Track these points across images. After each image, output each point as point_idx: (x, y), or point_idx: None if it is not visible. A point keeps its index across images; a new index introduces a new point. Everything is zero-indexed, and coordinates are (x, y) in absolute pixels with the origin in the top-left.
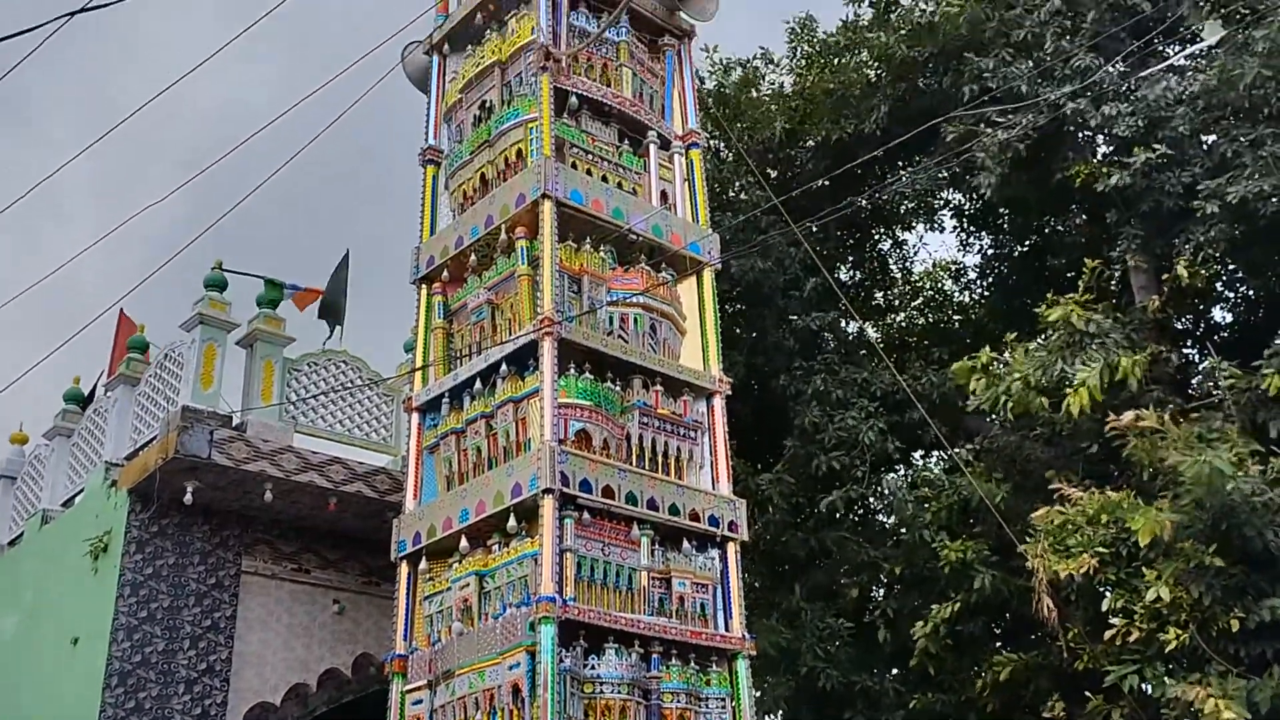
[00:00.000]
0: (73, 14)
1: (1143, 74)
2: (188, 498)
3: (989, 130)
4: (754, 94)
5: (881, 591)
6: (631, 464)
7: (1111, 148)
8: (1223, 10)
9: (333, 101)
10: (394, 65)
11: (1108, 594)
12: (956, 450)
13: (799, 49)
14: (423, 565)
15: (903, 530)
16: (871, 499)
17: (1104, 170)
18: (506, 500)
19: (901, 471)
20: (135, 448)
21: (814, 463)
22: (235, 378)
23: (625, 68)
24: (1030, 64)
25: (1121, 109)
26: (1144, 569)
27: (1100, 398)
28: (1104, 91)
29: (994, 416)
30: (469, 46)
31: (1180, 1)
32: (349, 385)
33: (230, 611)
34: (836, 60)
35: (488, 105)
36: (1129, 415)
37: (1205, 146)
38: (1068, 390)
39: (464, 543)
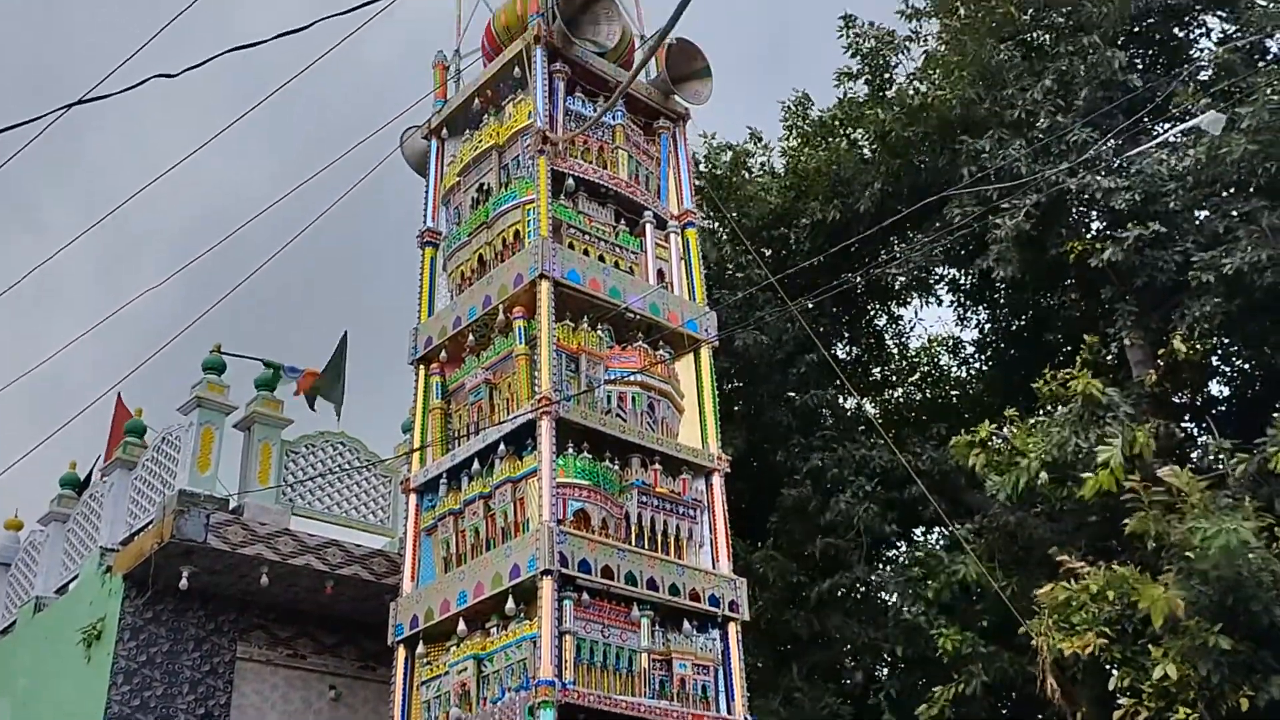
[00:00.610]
0: (70, 106)
1: (1135, 150)
2: (183, 583)
3: (1000, 213)
4: (747, 174)
5: (884, 671)
6: (631, 543)
7: (1105, 224)
8: (1210, 90)
9: (332, 185)
10: (393, 150)
11: (1114, 672)
12: (956, 527)
13: (794, 127)
14: (420, 649)
15: (904, 613)
16: (873, 577)
17: (1097, 246)
18: (505, 582)
19: (902, 548)
20: (131, 532)
21: (810, 546)
22: (233, 460)
23: (621, 150)
24: (1024, 142)
25: (1118, 183)
26: (1150, 647)
27: (1123, 476)
28: (1099, 167)
29: (995, 495)
30: (467, 131)
31: (1170, 79)
32: (347, 467)
33: (225, 699)
34: (831, 138)
35: (485, 188)
36: (1166, 470)
37: (1198, 222)
38: (1083, 473)
39: (462, 626)
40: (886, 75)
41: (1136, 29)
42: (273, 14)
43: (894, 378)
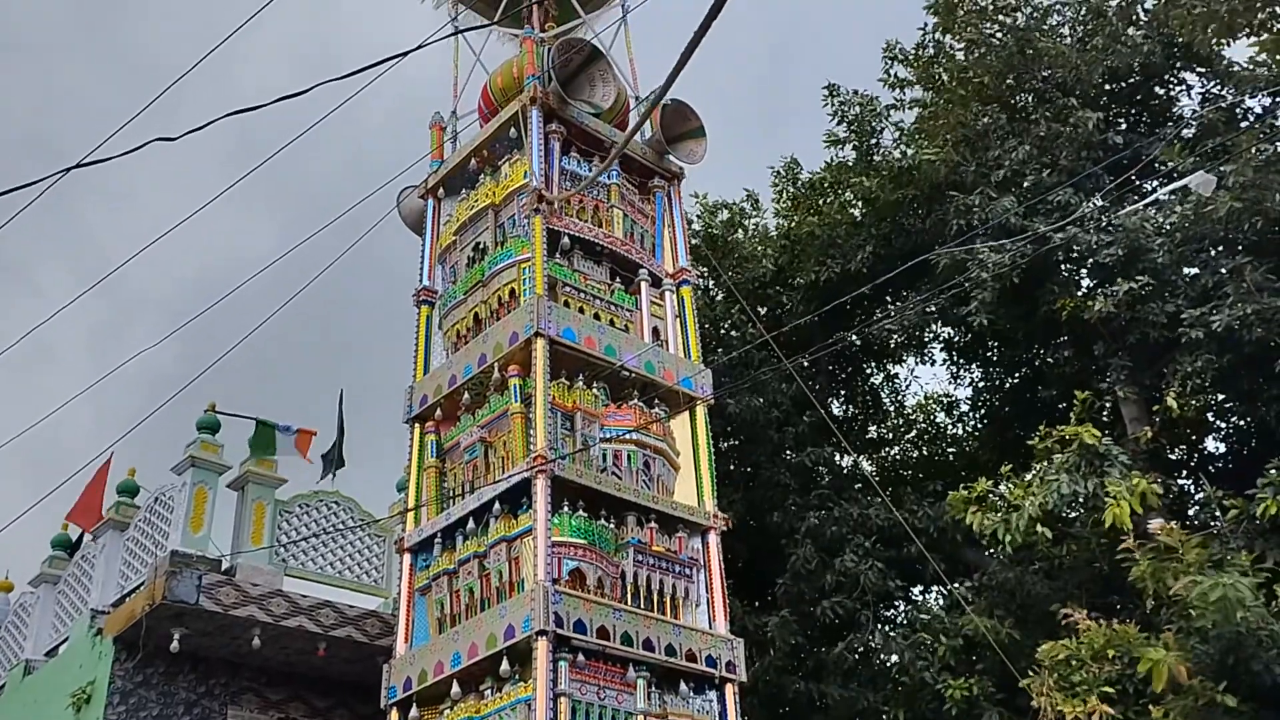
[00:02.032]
0: (68, 169)
1: (1126, 210)
2: (174, 645)
3: (981, 258)
4: (741, 235)
5: None
6: (627, 603)
7: (1095, 280)
8: (1194, 148)
9: (328, 246)
10: (389, 210)
11: None
12: (956, 586)
13: (784, 191)
14: (413, 713)
15: (905, 676)
16: (875, 640)
17: (1088, 302)
18: (499, 643)
19: (901, 608)
20: (122, 594)
21: (816, 608)
22: (226, 521)
23: (616, 209)
24: (1013, 200)
25: (1102, 239)
26: (1152, 708)
27: (1140, 510)
28: (1088, 225)
29: (993, 551)
30: (463, 190)
31: (1153, 137)
32: (340, 527)
33: None
34: (821, 201)
35: (481, 247)
36: (1156, 523)
37: (1187, 278)
38: (1083, 509)
39: (455, 688)
40: (873, 140)
41: (1116, 89)
42: (266, 78)
43: (890, 435)
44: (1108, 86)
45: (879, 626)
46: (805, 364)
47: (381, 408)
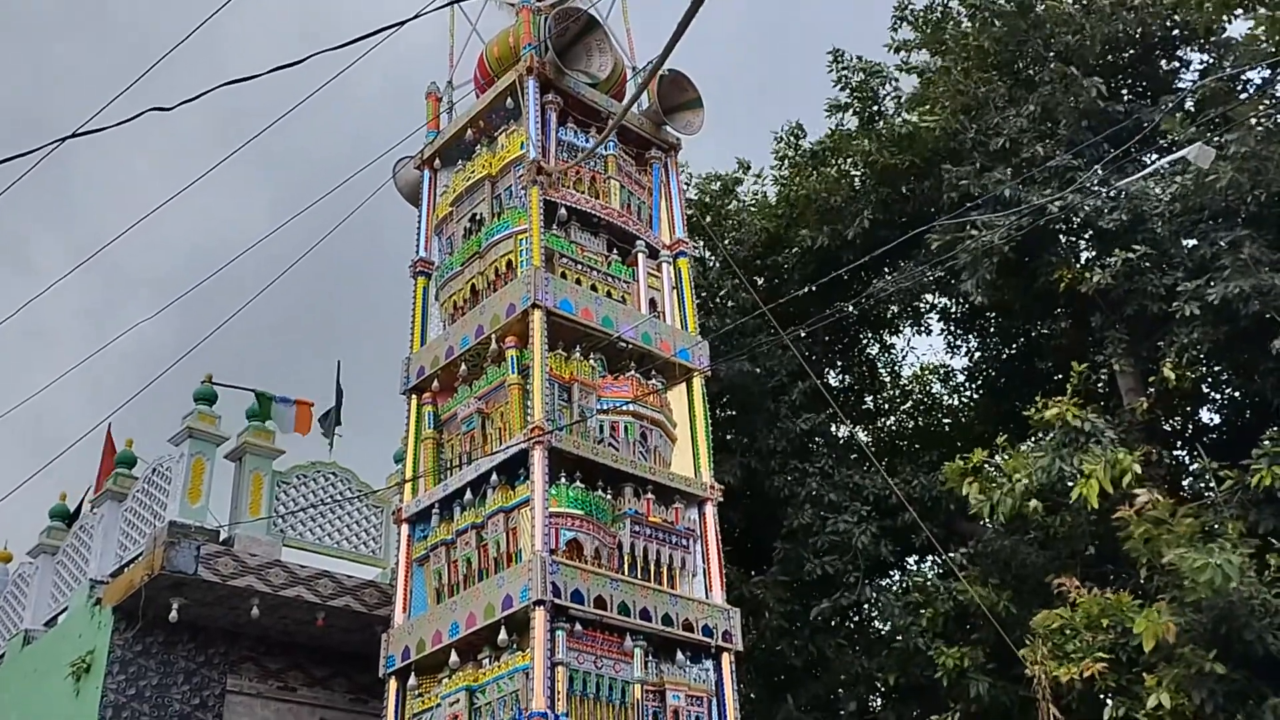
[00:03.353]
0: (63, 139)
1: (1125, 181)
2: (173, 615)
3: (973, 233)
4: (738, 201)
5: (879, 701)
6: (624, 573)
7: (1094, 251)
8: (1195, 119)
9: (325, 217)
10: (385, 181)
11: (1109, 701)
12: (950, 555)
13: (786, 157)
14: (412, 681)
15: (898, 638)
16: (866, 605)
17: (1086, 273)
18: (497, 612)
19: (895, 577)
20: (121, 564)
21: (806, 567)
22: (224, 491)
23: (613, 180)
24: (1009, 170)
25: (1104, 204)
26: (1145, 675)
27: (1110, 489)
28: (1086, 190)
29: (987, 521)
30: (459, 161)
31: (1154, 108)
32: (338, 498)
33: None
34: (822, 168)
35: (478, 218)
36: (1141, 496)
37: (1186, 249)
38: (1070, 486)
39: (454, 657)
40: (875, 107)
41: (1118, 59)
42: (261, 50)
43: (886, 406)
44: (1109, 57)
45: (874, 596)
46: (802, 334)
47: (379, 379)
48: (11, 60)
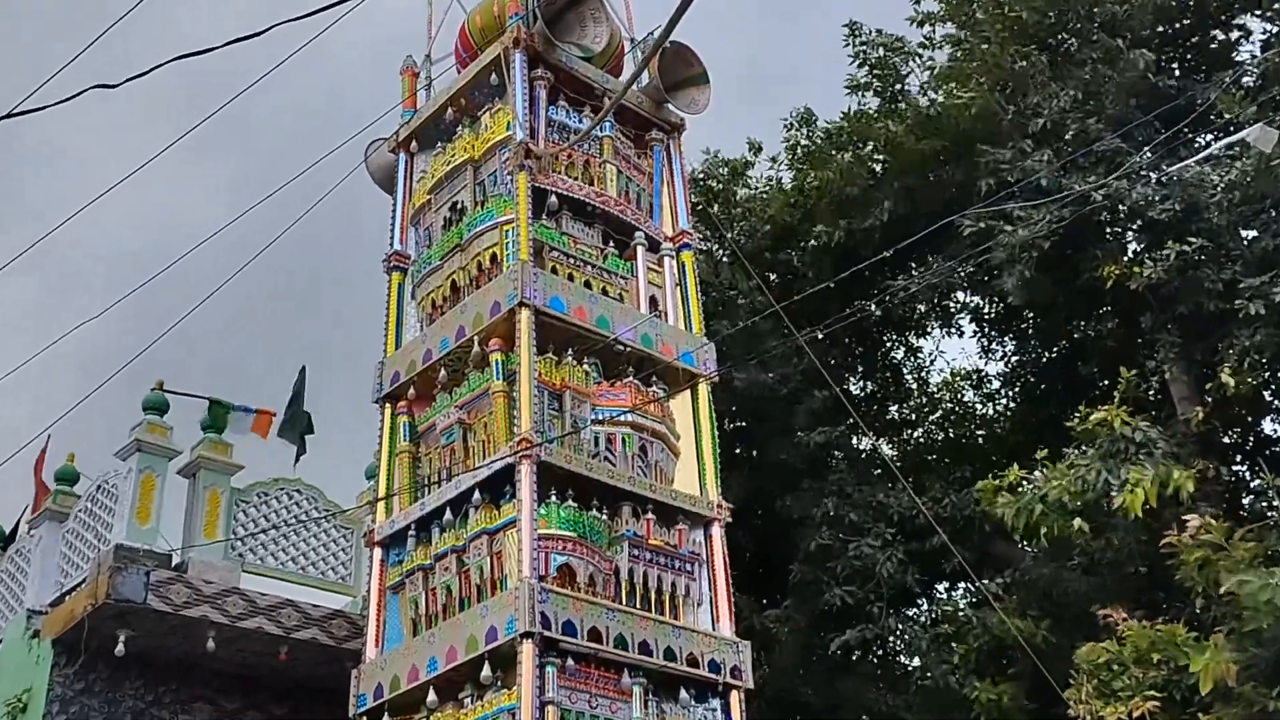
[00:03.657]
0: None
1: (1177, 165)
2: (120, 648)
3: (1009, 227)
4: (748, 190)
5: None
6: (621, 602)
7: (1143, 244)
8: (1256, 97)
9: (291, 208)
10: (356, 165)
11: None
12: (984, 582)
13: (797, 145)
14: None
15: (926, 675)
16: (891, 638)
17: (1135, 268)
18: (480, 646)
19: (923, 606)
20: (61, 592)
21: (824, 596)
22: (176, 511)
23: (609, 164)
24: (1050, 155)
25: (1154, 192)
26: (1200, 716)
27: (1155, 501)
28: (1135, 177)
29: (1026, 544)
30: (439, 144)
31: (1209, 84)
32: (304, 518)
33: None
34: (838, 154)
35: (459, 206)
36: (1192, 521)
37: (1246, 242)
38: (1114, 496)
39: (432, 696)
40: (898, 85)
41: (1169, 30)
42: (221, 23)
43: (913, 416)
44: (1160, 28)
45: (898, 627)
46: (819, 336)
47: (349, 387)
48: None
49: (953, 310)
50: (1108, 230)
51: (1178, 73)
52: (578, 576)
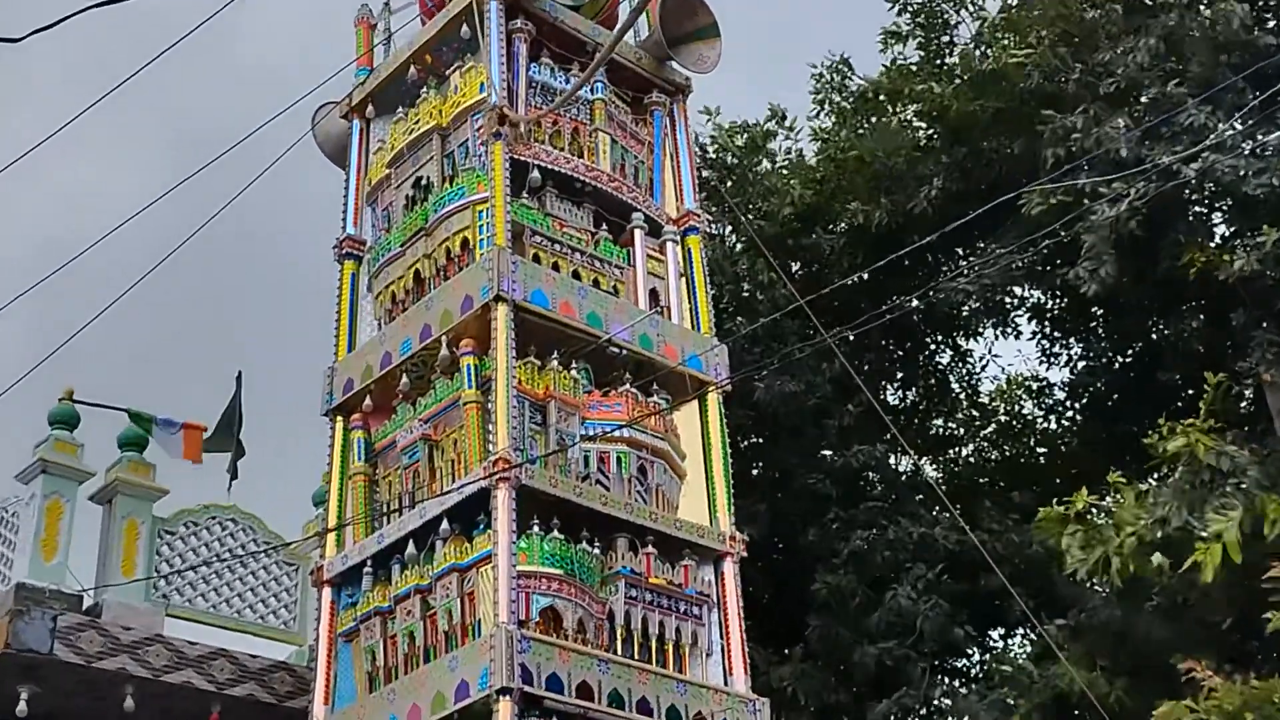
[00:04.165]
0: None
1: (1272, 136)
2: (21, 707)
3: (1100, 201)
4: (768, 164)
5: None
6: (616, 652)
7: (1235, 227)
8: None
9: (228, 185)
10: (302, 135)
11: None
12: (1047, 628)
13: (827, 101)
14: None
15: None
16: (940, 699)
17: (1224, 256)
18: (449, 704)
19: (975, 657)
20: None
21: (856, 653)
22: (88, 544)
23: (602, 133)
24: (1127, 120)
25: (1251, 164)
26: None
27: (1238, 557)
28: (1224, 150)
29: (1095, 583)
30: (399, 109)
31: None
32: (239, 552)
33: None
34: (875, 116)
35: (424, 182)
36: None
37: None
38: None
39: None
40: (945, 37)
41: None
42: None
43: (961, 431)
44: None
45: (942, 680)
46: (851, 337)
47: (294, 396)
48: None
49: (1009, 307)
50: (1192, 211)
51: (1274, 24)
52: (565, 621)
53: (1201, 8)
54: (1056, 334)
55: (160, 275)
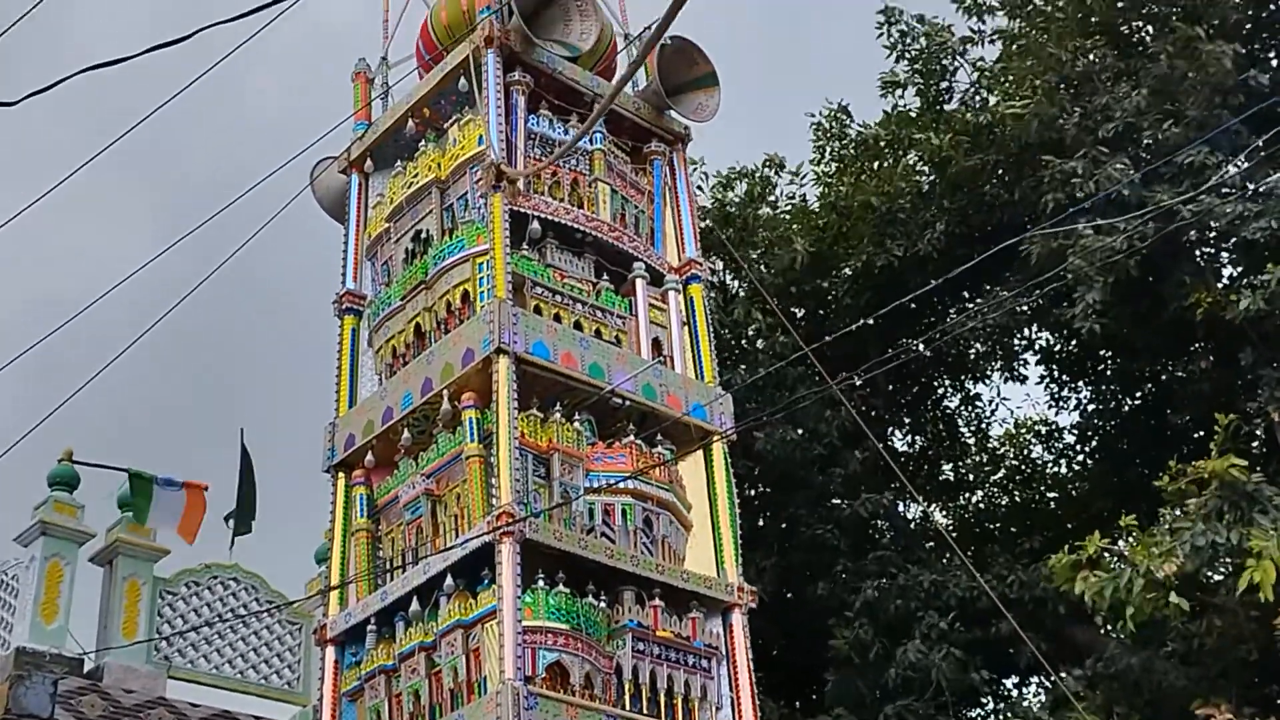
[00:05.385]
0: None
1: (1272, 178)
2: None
3: (1086, 236)
4: (769, 210)
5: None
6: (624, 707)
7: (1240, 268)
8: None
9: (225, 243)
10: (301, 190)
11: None
12: (1062, 675)
13: (828, 149)
14: None
15: None
16: None
17: (1231, 296)
18: None
19: (990, 705)
20: None
21: (877, 714)
22: (89, 606)
23: (601, 183)
24: (1127, 163)
25: (1249, 208)
26: None
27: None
28: (1223, 193)
29: (1111, 629)
30: (398, 162)
31: None
32: (241, 612)
33: None
34: (877, 163)
35: (424, 236)
36: None
37: None
38: (1224, 574)
39: None
40: (943, 84)
41: (1259, 15)
42: (129, 37)
43: (971, 477)
44: (1250, 11)
45: None
46: (857, 383)
47: (295, 453)
48: None
49: (1016, 350)
50: (1197, 252)
51: (1273, 64)
52: (571, 677)
53: (1195, 53)
54: (1065, 378)
55: (160, 336)
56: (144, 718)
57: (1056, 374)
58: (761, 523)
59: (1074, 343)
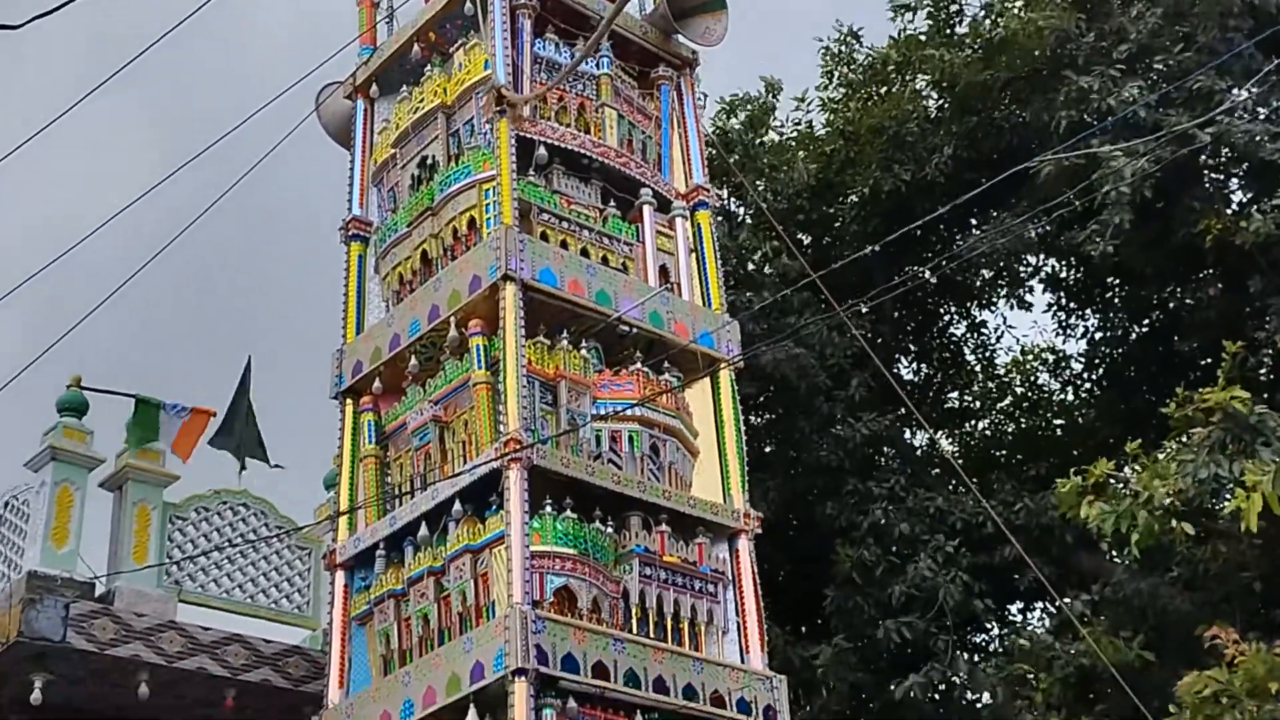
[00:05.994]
0: None
1: None
2: (35, 695)
3: (1117, 155)
4: (776, 135)
5: None
6: (631, 631)
7: (1251, 193)
8: None
9: (231, 170)
10: (306, 115)
11: None
12: (1067, 601)
13: (836, 73)
14: None
15: (999, 717)
16: (953, 673)
17: (1241, 222)
18: (464, 686)
19: (994, 631)
20: None
21: (878, 629)
22: (100, 531)
23: (608, 108)
24: (1141, 85)
25: (1263, 129)
26: None
27: (1276, 508)
28: (1238, 115)
29: (1116, 555)
30: (404, 87)
31: None
32: (251, 537)
33: None
34: (885, 88)
35: (429, 162)
36: None
37: None
38: (1225, 502)
39: None
40: (954, 6)
41: None
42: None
43: (977, 404)
44: None
45: (962, 655)
46: (863, 309)
47: (303, 380)
48: None
49: (1023, 276)
50: (1207, 177)
51: None
52: (579, 601)
53: None
54: (1072, 305)
55: (167, 261)
56: (155, 640)
57: (1064, 301)
58: (768, 447)
59: (1081, 269)
